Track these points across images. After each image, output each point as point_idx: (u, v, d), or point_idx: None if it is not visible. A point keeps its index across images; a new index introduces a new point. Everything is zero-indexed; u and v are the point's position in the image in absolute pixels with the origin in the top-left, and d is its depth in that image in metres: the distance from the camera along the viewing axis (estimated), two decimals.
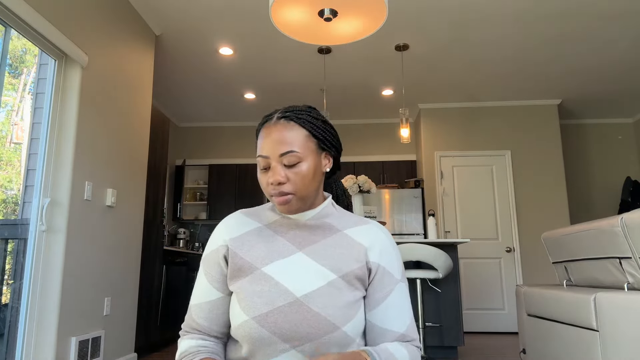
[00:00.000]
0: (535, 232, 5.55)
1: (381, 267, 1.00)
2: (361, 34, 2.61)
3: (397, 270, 1.02)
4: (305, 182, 0.96)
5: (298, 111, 1.00)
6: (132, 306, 3.58)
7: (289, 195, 0.96)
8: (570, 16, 3.91)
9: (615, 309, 1.86)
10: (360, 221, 1.06)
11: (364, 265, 0.99)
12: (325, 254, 0.98)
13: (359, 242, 1.01)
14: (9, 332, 2.54)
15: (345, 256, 0.98)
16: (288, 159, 0.95)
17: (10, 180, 2.77)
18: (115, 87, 3.38)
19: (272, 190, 0.96)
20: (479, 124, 5.87)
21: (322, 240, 1.00)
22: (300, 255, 0.98)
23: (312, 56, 4.62)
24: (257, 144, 1.01)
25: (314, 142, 0.99)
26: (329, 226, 1.03)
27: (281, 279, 0.95)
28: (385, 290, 0.99)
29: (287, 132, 0.96)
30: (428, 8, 3.78)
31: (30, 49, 2.86)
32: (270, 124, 0.99)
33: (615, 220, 1.99)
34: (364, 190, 3.98)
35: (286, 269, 0.96)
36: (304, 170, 0.96)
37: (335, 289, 0.94)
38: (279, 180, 0.95)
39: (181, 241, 6.15)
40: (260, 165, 0.98)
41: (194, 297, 1.03)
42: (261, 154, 0.98)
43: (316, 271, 0.96)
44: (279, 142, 0.96)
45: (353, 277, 0.97)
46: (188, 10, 3.78)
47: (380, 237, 1.03)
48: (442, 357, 3.78)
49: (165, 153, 4.45)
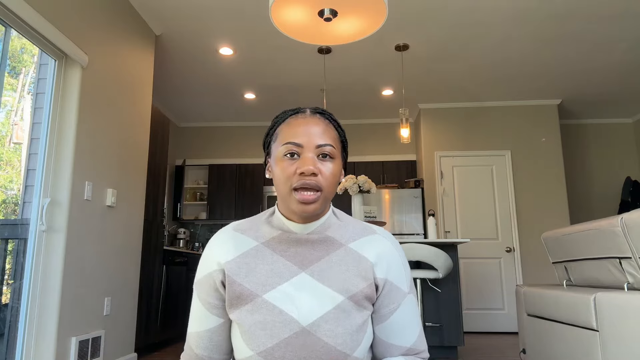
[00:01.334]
0: (535, 232, 5.55)
1: (388, 282, 0.94)
2: (361, 34, 2.61)
3: (405, 283, 0.97)
4: (334, 182, 0.91)
5: (329, 113, 0.98)
6: (132, 306, 3.58)
7: (318, 193, 0.89)
8: (570, 16, 3.91)
9: (615, 309, 1.86)
10: (364, 231, 0.98)
11: (372, 283, 0.93)
12: (330, 273, 0.91)
13: (365, 257, 0.94)
14: (9, 332, 2.54)
15: (352, 274, 0.92)
16: (325, 150, 0.90)
17: (11, 180, 2.77)
18: (115, 87, 3.38)
19: (299, 181, 0.88)
20: (479, 124, 5.87)
21: (325, 257, 0.93)
22: (304, 276, 0.91)
23: (312, 56, 4.62)
24: (280, 134, 0.93)
25: (340, 147, 0.96)
26: (332, 240, 0.95)
27: (285, 307, 0.88)
28: (392, 306, 0.95)
29: (325, 126, 0.93)
30: (428, 8, 3.78)
31: (28, 48, 2.86)
32: (305, 115, 0.94)
33: (615, 220, 1.99)
34: (364, 190, 3.98)
35: (289, 294, 0.89)
36: (334, 169, 0.91)
37: (343, 313, 0.89)
38: (312, 170, 0.87)
39: (181, 241, 6.15)
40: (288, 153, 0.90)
41: (192, 324, 0.96)
42: (292, 141, 0.90)
43: (322, 294, 0.89)
44: (317, 133, 0.91)
45: (362, 298, 0.91)
46: (188, 10, 3.78)
47: (386, 249, 0.96)
48: (442, 357, 3.78)
49: (165, 153, 4.45)
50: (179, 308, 4.70)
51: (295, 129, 0.91)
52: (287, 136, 0.91)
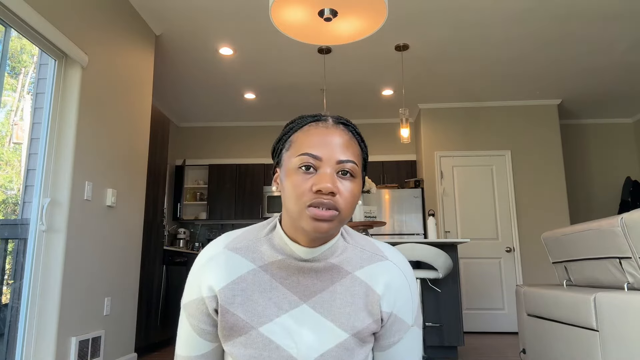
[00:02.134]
0: (535, 232, 5.55)
1: (393, 315, 0.87)
2: (361, 34, 2.61)
3: (410, 315, 0.89)
4: (353, 203, 0.80)
5: (354, 125, 0.86)
6: (132, 306, 3.58)
7: (334, 212, 0.77)
8: (570, 17, 3.91)
9: (615, 309, 1.86)
10: (373, 257, 0.89)
11: (378, 318, 0.86)
12: (334, 306, 0.84)
13: (372, 288, 0.86)
14: (9, 332, 2.54)
15: (358, 308, 0.85)
16: (346, 167, 0.79)
17: (10, 180, 2.77)
18: (115, 87, 3.38)
19: (315, 199, 0.76)
20: (479, 124, 5.87)
21: (329, 287, 0.84)
22: (305, 308, 0.83)
23: (312, 56, 4.62)
24: (295, 142, 0.81)
25: (361, 162, 0.84)
26: (337, 268, 0.86)
27: (282, 342, 0.81)
28: (393, 338, 0.89)
29: (349, 139, 0.81)
30: (428, 8, 3.78)
31: (27, 48, 2.86)
32: (327, 124, 0.82)
33: (615, 220, 1.99)
34: (364, 190, 3.98)
35: (288, 328, 0.82)
36: (354, 189, 0.79)
37: (346, 351, 0.83)
38: (331, 189, 0.75)
39: (181, 241, 6.15)
40: (304, 166, 0.78)
41: (181, 347, 0.88)
42: (310, 152, 0.78)
43: (324, 329, 0.82)
44: (340, 146, 0.79)
45: (367, 334, 0.85)
46: (188, 10, 3.78)
47: (396, 278, 0.88)
48: (442, 357, 3.78)
49: (165, 153, 4.45)
50: (178, 308, 4.70)
51: (314, 139, 0.80)
52: (303, 146, 0.79)
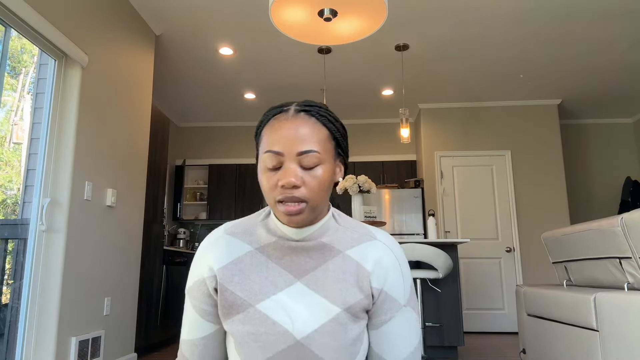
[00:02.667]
0: (535, 232, 5.55)
1: (383, 292, 0.89)
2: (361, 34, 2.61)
3: (402, 294, 0.90)
4: (322, 189, 0.83)
5: (318, 107, 0.86)
6: (132, 306, 3.58)
7: (302, 204, 0.81)
8: (570, 17, 3.91)
9: (615, 309, 1.86)
10: (363, 237, 0.92)
11: (369, 294, 0.88)
12: (326, 282, 0.87)
13: (362, 265, 0.89)
14: (9, 332, 2.54)
15: (349, 284, 0.87)
16: (308, 160, 0.81)
17: (10, 180, 2.77)
18: (115, 87, 3.38)
19: (282, 194, 0.81)
20: (479, 124, 5.87)
21: (322, 265, 0.88)
22: (299, 285, 0.86)
23: (312, 56, 4.62)
24: (263, 138, 0.85)
25: (333, 145, 0.86)
26: (329, 247, 0.89)
27: (278, 318, 0.84)
28: (384, 317, 0.90)
29: (309, 128, 0.83)
30: (428, 8, 3.78)
31: (28, 48, 2.86)
32: (287, 116, 0.84)
33: (615, 220, 1.99)
34: (364, 190, 3.98)
35: (283, 304, 0.85)
36: (321, 176, 0.82)
37: (339, 325, 0.85)
38: (293, 183, 0.80)
39: (181, 241, 6.15)
40: (268, 162, 0.82)
41: (185, 330, 0.92)
42: (272, 149, 0.82)
43: (317, 305, 0.85)
44: (299, 139, 0.81)
45: (359, 309, 0.87)
46: (188, 10, 3.78)
47: (385, 257, 0.90)
48: (442, 357, 3.78)
49: (165, 153, 4.45)
50: (179, 308, 4.70)
51: (276, 134, 0.82)
52: (268, 142, 0.83)
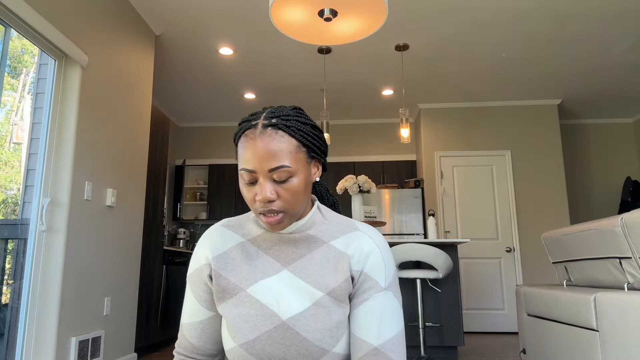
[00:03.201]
0: (535, 232, 5.55)
1: (363, 273, 0.92)
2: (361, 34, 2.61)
3: (382, 277, 0.93)
4: (297, 198, 0.88)
5: (285, 117, 0.89)
6: (132, 306, 3.58)
7: (280, 214, 0.88)
8: (570, 17, 3.91)
9: (615, 309, 1.86)
10: (347, 229, 0.97)
11: (349, 277, 0.92)
12: (310, 270, 0.92)
13: (344, 252, 0.94)
14: (9, 332, 2.54)
15: (332, 270, 0.92)
16: (278, 175, 0.85)
17: (11, 180, 2.77)
18: (115, 87, 3.38)
19: (260, 207, 0.87)
20: (479, 124, 5.87)
21: (307, 255, 0.94)
22: (285, 272, 0.92)
23: (312, 56, 4.62)
24: (239, 154, 0.89)
25: (304, 152, 0.89)
26: (314, 238, 0.95)
27: (266, 301, 0.90)
28: (363, 296, 0.92)
29: (277, 143, 0.85)
30: (428, 8, 3.78)
31: (29, 49, 2.86)
32: (255, 132, 0.87)
33: (615, 220, 1.99)
34: (364, 190, 3.98)
35: (271, 289, 0.91)
36: (295, 186, 0.87)
37: (323, 309, 0.90)
38: (268, 199, 0.86)
39: (181, 241, 6.15)
40: (245, 178, 0.88)
41: (185, 315, 1.00)
42: (246, 168, 0.87)
43: (302, 290, 0.91)
44: (268, 156, 0.85)
45: (341, 293, 0.91)
46: (188, 10, 3.78)
47: (366, 242, 0.94)
48: (442, 357, 3.78)
49: (165, 153, 4.45)
50: (179, 308, 4.70)
51: (247, 152, 0.87)
52: (241, 160, 0.88)
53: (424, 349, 3.43)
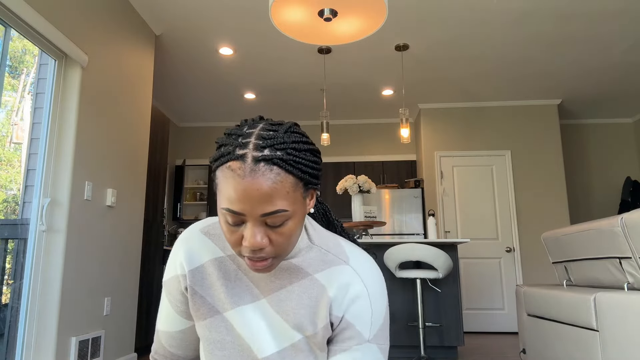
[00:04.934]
0: (535, 232, 5.55)
1: (344, 320, 0.81)
2: (361, 34, 2.61)
3: (367, 328, 0.81)
4: (292, 242, 0.75)
5: (280, 146, 0.70)
6: (132, 306, 3.58)
7: (269, 259, 0.74)
8: (570, 16, 3.91)
9: (615, 309, 1.86)
10: (335, 260, 0.84)
11: (327, 323, 0.82)
12: (289, 305, 0.82)
13: (326, 290, 0.82)
14: (9, 332, 2.54)
15: (310, 312, 0.82)
16: (273, 220, 0.71)
17: (11, 180, 2.77)
18: (115, 87, 3.38)
19: (247, 252, 0.73)
20: (479, 124, 5.87)
21: (287, 286, 0.83)
22: (263, 303, 0.83)
23: (312, 56, 4.62)
24: (220, 188, 0.72)
25: (301, 187, 0.73)
26: (297, 269, 0.83)
27: (243, 332, 0.83)
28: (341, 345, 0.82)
29: (271, 184, 0.69)
30: (428, 8, 3.78)
31: (29, 49, 2.86)
32: (245, 169, 0.68)
33: (615, 220, 1.99)
34: (364, 190, 3.98)
35: (248, 319, 0.83)
36: (291, 229, 0.73)
37: (300, 352, 0.82)
38: (260, 245, 0.71)
39: None
40: (228, 219, 0.72)
41: (162, 322, 0.91)
42: (231, 209, 0.70)
43: (279, 328, 0.82)
44: (261, 200, 0.69)
45: (320, 340, 0.82)
46: (188, 10, 3.78)
47: (353, 283, 0.82)
48: (442, 357, 3.78)
49: (165, 153, 4.45)
50: None
51: (233, 191, 0.69)
52: (224, 197, 0.71)
53: (424, 349, 3.43)
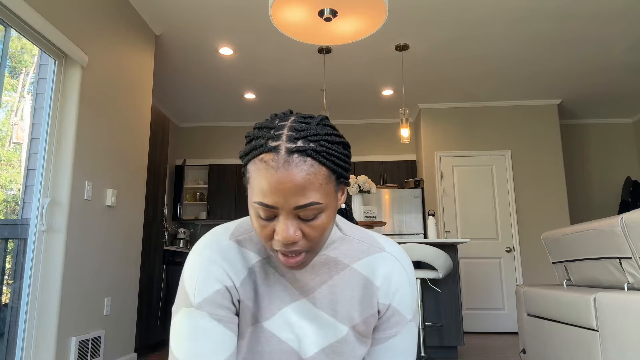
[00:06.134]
0: (535, 232, 5.55)
1: (391, 307, 0.85)
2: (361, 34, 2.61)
3: (409, 309, 0.86)
4: (325, 236, 0.74)
5: (314, 137, 0.70)
6: (132, 306, 3.58)
7: (303, 254, 0.73)
8: (570, 16, 3.91)
9: (615, 309, 1.86)
10: (371, 248, 0.86)
11: (375, 311, 0.84)
12: (333, 300, 0.82)
13: (371, 281, 0.84)
14: (9, 332, 2.54)
15: (357, 301, 0.83)
16: (306, 213, 0.70)
17: (10, 180, 2.77)
18: (115, 87, 3.38)
19: (280, 247, 0.72)
20: (479, 124, 5.87)
21: (328, 281, 0.82)
22: (304, 303, 0.82)
23: (312, 56, 4.62)
24: (252, 182, 0.71)
25: (334, 180, 0.73)
26: (334, 261, 0.83)
27: (284, 336, 0.80)
28: (390, 331, 0.86)
29: (305, 175, 0.68)
30: (428, 8, 3.78)
31: (29, 48, 2.86)
32: (278, 160, 0.68)
33: (615, 220, 1.99)
34: (364, 190, 3.98)
35: (290, 321, 0.81)
36: (324, 223, 0.72)
37: (346, 345, 0.82)
38: (293, 239, 0.70)
39: (181, 241, 6.15)
40: (260, 212, 0.71)
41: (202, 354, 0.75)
42: (264, 202, 0.69)
43: (325, 324, 0.82)
44: (295, 191, 0.68)
45: (366, 329, 0.84)
46: (188, 10, 3.78)
47: (395, 270, 0.85)
48: (442, 357, 3.78)
49: (165, 153, 4.45)
50: None
51: (267, 183, 0.68)
52: (257, 191, 0.70)
53: (424, 349, 3.43)
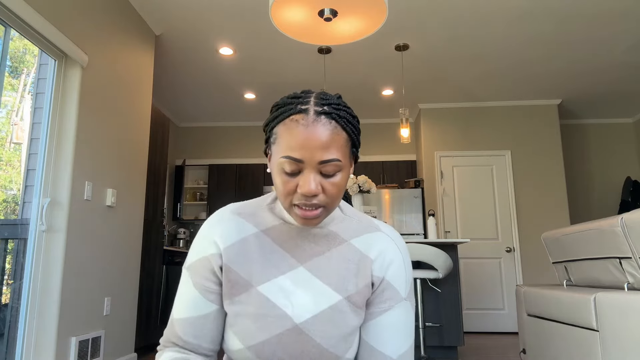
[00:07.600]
0: (535, 232, 5.55)
1: (385, 281, 0.88)
2: (361, 34, 2.61)
3: (403, 287, 0.90)
4: (340, 194, 0.82)
5: (336, 106, 0.81)
6: (132, 306, 3.58)
7: (320, 209, 0.81)
8: (570, 16, 3.91)
9: (615, 309, 1.86)
10: (369, 227, 0.93)
11: (369, 282, 0.88)
12: (329, 269, 0.87)
13: (365, 254, 0.89)
14: (9, 332, 2.54)
15: (352, 273, 0.88)
16: (328, 168, 0.79)
17: (10, 180, 2.77)
18: (115, 87, 3.38)
19: (300, 200, 0.80)
20: (479, 124, 5.87)
21: (326, 253, 0.88)
22: (302, 270, 0.87)
23: (312, 56, 4.62)
24: (279, 138, 0.81)
25: (350, 147, 0.83)
26: (334, 235, 0.90)
27: (278, 301, 0.84)
28: (384, 305, 0.88)
29: (330, 134, 0.78)
30: (428, 8, 3.78)
31: (30, 49, 2.86)
32: (307, 119, 0.78)
33: (615, 220, 1.99)
34: (364, 190, 3.98)
35: (284, 288, 0.85)
36: (341, 181, 0.81)
37: (339, 314, 0.85)
38: (315, 192, 0.78)
39: (181, 241, 6.15)
40: (286, 167, 0.79)
41: (180, 310, 0.88)
42: (292, 156, 0.78)
43: (319, 291, 0.86)
44: (322, 146, 0.78)
45: (360, 299, 0.87)
46: (188, 10, 3.78)
47: (389, 247, 0.90)
48: (442, 357, 3.78)
49: (165, 153, 4.45)
50: None
51: (295, 140, 0.78)
52: (285, 146, 0.79)
53: (424, 349, 3.43)
